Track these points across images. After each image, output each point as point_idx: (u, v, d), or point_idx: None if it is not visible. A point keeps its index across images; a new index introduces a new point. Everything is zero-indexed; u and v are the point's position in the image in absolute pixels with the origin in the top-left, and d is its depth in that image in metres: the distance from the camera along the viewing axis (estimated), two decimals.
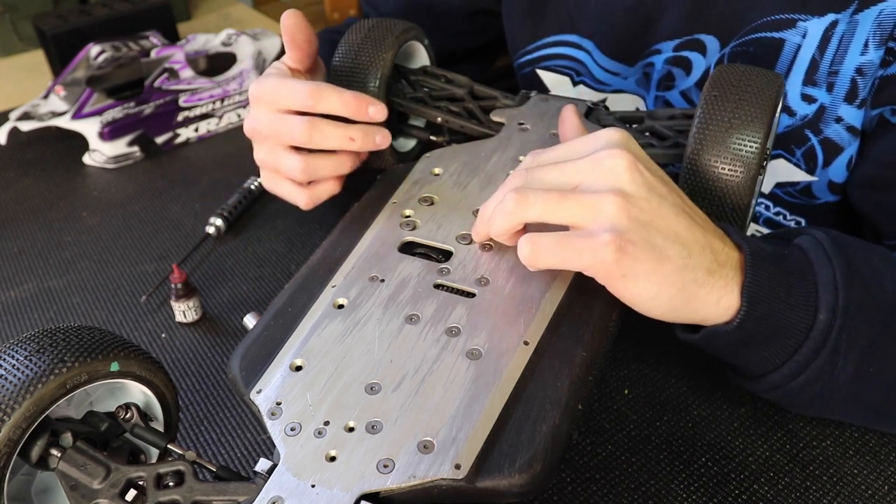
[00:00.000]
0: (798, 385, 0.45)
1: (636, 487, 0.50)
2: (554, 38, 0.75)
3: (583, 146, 0.45)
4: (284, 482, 0.37)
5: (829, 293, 0.44)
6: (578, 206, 0.42)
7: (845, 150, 0.61)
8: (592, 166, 0.43)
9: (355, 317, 0.45)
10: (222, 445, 0.55)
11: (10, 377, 0.38)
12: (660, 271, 0.41)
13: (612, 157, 0.42)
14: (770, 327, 0.44)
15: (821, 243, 0.46)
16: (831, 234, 0.47)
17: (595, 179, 0.42)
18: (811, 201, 0.66)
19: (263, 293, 0.69)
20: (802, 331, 0.44)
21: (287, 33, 0.57)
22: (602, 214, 0.41)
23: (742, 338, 0.44)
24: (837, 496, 0.49)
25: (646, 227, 0.41)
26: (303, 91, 0.54)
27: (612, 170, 0.42)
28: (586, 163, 0.43)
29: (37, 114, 0.89)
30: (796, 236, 0.48)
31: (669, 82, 0.68)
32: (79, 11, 1.07)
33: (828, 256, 0.45)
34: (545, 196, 0.42)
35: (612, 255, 0.40)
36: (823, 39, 0.58)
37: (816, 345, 0.44)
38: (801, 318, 0.44)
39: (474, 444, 0.38)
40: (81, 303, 0.69)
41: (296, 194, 0.58)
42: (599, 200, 0.41)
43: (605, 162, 0.42)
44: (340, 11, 1.89)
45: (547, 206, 0.42)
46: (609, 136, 0.44)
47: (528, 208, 0.43)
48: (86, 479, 0.39)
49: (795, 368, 0.45)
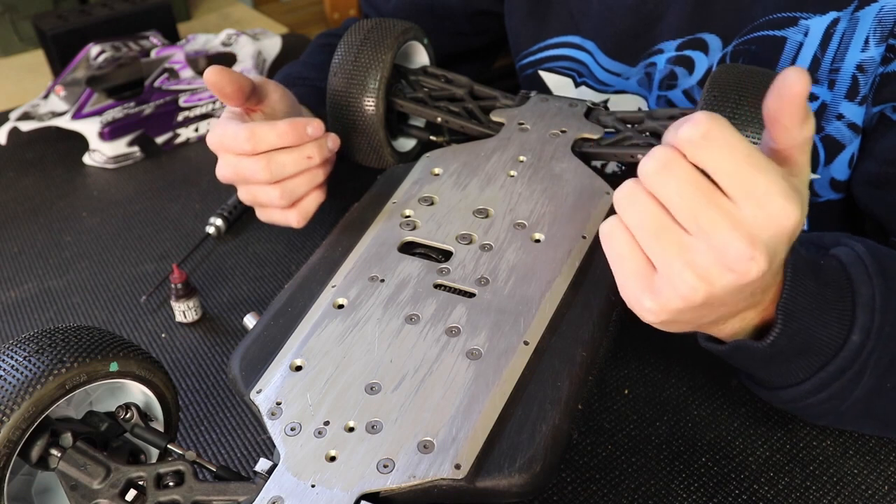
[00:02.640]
0: (818, 400, 0.44)
1: (636, 487, 0.50)
2: (556, 40, 0.75)
3: (751, 198, 0.35)
4: (284, 482, 0.37)
5: (866, 315, 0.42)
6: (664, 257, 0.37)
7: (847, 148, 0.61)
8: (719, 248, 0.35)
9: (355, 317, 0.45)
10: (222, 445, 0.55)
11: (9, 378, 0.38)
12: (682, 327, 0.41)
13: (739, 265, 0.35)
14: (801, 344, 0.42)
15: (861, 259, 0.43)
16: (871, 247, 0.45)
17: (708, 255, 0.36)
18: (813, 199, 0.66)
19: (263, 293, 0.69)
20: (832, 349, 0.42)
21: (215, 90, 0.56)
22: (674, 288, 0.37)
23: (772, 353, 0.42)
24: (837, 496, 0.49)
25: (698, 311, 0.38)
26: (241, 136, 0.54)
27: (729, 270, 0.35)
28: (718, 236, 0.35)
29: (37, 114, 0.89)
30: (833, 243, 0.46)
31: (672, 82, 0.68)
32: (79, 11, 1.07)
33: (868, 275, 0.43)
34: (646, 214, 0.37)
35: (651, 319, 0.39)
36: (825, 37, 0.58)
37: (844, 365, 0.42)
38: (834, 336, 0.42)
39: (474, 443, 0.38)
40: (81, 303, 0.69)
41: (287, 217, 0.59)
42: (685, 277, 0.36)
43: (731, 261, 0.35)
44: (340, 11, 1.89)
45: (641, 225, 0.37)
46: (775, 227, 0.35)
47: (625, 211, 0.38)
48: (86, 479, 0.39)
49: (818, 385, 0.43)
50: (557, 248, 0.48)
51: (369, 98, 0.60)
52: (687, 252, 0.36)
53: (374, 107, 0.60)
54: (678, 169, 0.36)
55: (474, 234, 0.49)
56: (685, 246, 0.36)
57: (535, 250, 0.48)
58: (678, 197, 0.36)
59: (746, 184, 0.35)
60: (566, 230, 0.49)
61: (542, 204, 0.51)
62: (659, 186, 0.36)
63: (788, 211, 0.35)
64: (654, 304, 0.38)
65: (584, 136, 0.57)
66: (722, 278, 0.36)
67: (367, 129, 0.61)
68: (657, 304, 0.38)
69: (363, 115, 0.60)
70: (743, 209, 0.35)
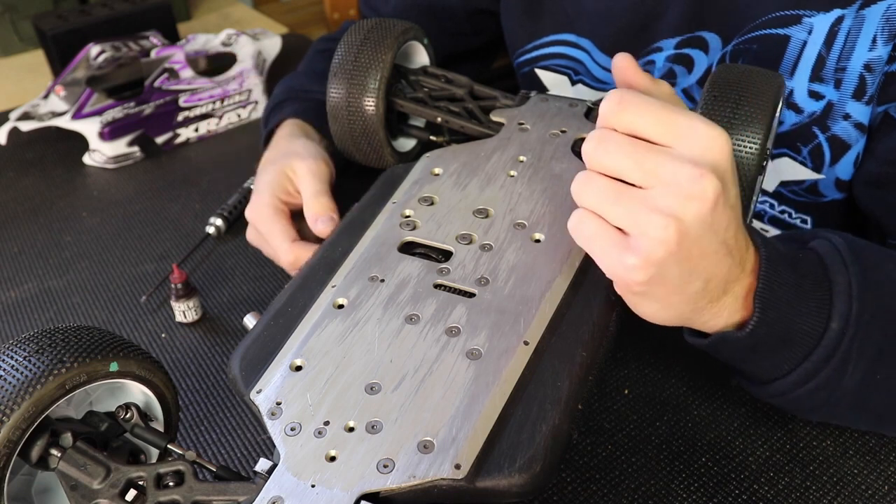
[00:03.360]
0: (805, 392, 0.45)
1: (636, 487, 0.50)
2: (551, 38, 0.75)
3: (681, 134, 0.39)
4: (284, 482, 0.37)
5: (843, 302, 0.43)
6: (628, 217, 0.39)
7: (853, 147, 0.61)
8: (670, 181, 0.38)
9: (355, 317, 0.45)
10: (222, 445, 0.55)
11: (9, 378, 0.38)
12: (675, 298, 0.41)
13: (695, 184, 0.38)
14: (780, 334, 0.43)
15: (838, 249, 0.45)
16: (848, 238, 0.46)
17: (663, 195, 0.38)
18: (817, 199, 0.66)
19: (263, 293, 0.69)
20: (813, 338, 0.43)
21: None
22: (645, 237, 0.38)
23: (751, 344, 0.44)
24: (837, 496, 0.49)
25: (681, 263, 0.39)
26: (283, 260, 0.62)
27: (687, 197, 0.38)
28: (665, 172, 0.38)
29: (37, 114, 0.89)
30: (812, 238, 0.47)
31: (671, 80, 0.68)
32: (79, 11, 1.07)
33: (844, 264, 0.44)
34: (603, 191, 0.40)
35: (638, 278, 0.40)
36: (829, 35, 0.58)
37: (827, 353, 0.43)
38: (813, 325, 0.43)
39: (474, 443, 0.38)
40: (81, 303, 0.69)
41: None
42: (651, 223, 0.38)
43: (686, 186, 0.38)
44: (340, 12, 1.89)
45: (600, 200, 0.40)
46: (712, 144, 0.39)
47: (583, 196, 0.41)
48: (86, 479, 0.39)
49: (804, 375, 0.44)
50: (557, 248, 0.48)
51: (369, 98, 0.60)
52: (647, 200, 0.39)
53: (374, 107, 0.60)
54: (612, 137, 0.40)
55: (474, 234, 0.49)
56: (643, 197, 0.39)
57: (535, 250, 0.48)
58: (620, 159, 0.39)
59: (670, 126, 0.39)
60: (566, 230, 0.49)
61: (542, 204, 0.51)
62: (601, 158, 0.40)
63: (714, 132, 0.39)
64: (636, 259, 0.39)
65: (585, 135, 0.57)
66: (686, 209, 0.38)
67: (367, 129, 0.61)
68: (639, 257, 0.39)
69: (363, 115, 0.60)
70: (677, 147, 0.39)
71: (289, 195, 0.64)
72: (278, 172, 0.65)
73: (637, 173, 0.39)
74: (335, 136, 0.63)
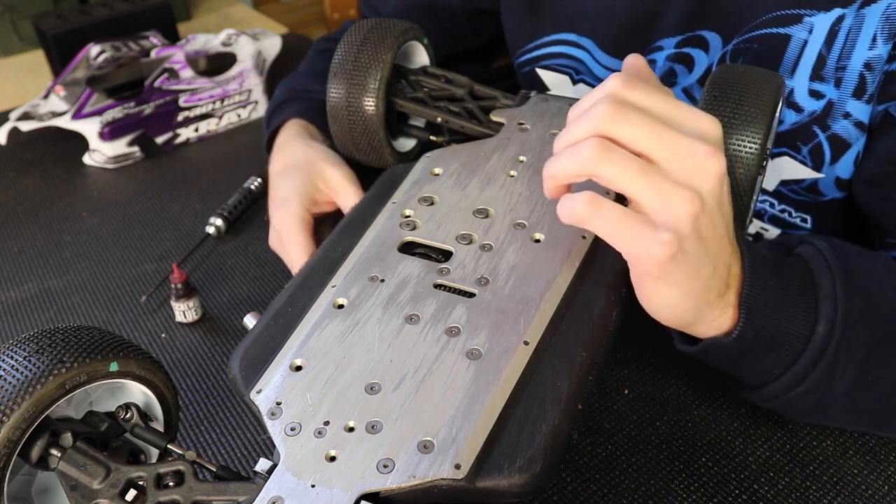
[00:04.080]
0: (797, 395, 0.45)
1: (636, 487, 0.50)
2: (552, 38, 0.75)
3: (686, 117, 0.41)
4: (284, 482, 0.37)
5: (828, 305, 0.43)
6: (654, 190, 0.38)
7: (853, 146, 0.61)
8: (687, 154, 0.39)
9: (355, 317, 0.45)
10: (222, 445, 0.55)
11: (9, 378, 0.38)
12: (689, 284, 0.41)
13: (710, 159, 0.39)
14: (768, 338, 0.44)
15: (822, 253, 0.45)
16: (833, 243, 0.46)
17: (681, 168, 0.39)
18: (817, 198, 0.66)
19: (263, 293, 0.69)
20: (801, 342, 0.44)
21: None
22: (672, 211, 0.38)
23: (740, 349, 0.44)
24: (837, 496, 0.49)
25: (702, 241, 0.39)
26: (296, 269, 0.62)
27: (704, 171, 0.39)
28: (682, 146, 0.39)
29: (37, 114, 0.89)
30: (798, 244, 0.48)
31: (671, 79, 0.68)
32: (79, 11, 1.07)
33: (829, 267, 0.44)
34: (626, 162, 0.39)
35: (662, 256, 0.39)
36: (830, 34, 0.58)
37: (814, 356, 0.44)
38: (800, 329, 0.43)
39: (474, 443, 0.38)
40: (81, 303, 0.69)
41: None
42: (677, 195, 0.38)
43: (701, 161, 0.39)
44: (340, 12, 1.89)
45: (625, 172, 0.39)
46: (712, 129, 0.41)
47: (603, 166, 0.39)
48: (86, 479, 0.39)
49: (794, 379, 0.45)
50: (557, 248, 0.48)
51: (369, 98, 0.60)
52: (669, 174, 0.39)
53: (374, 107, 0.60)
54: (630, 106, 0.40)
55: (474, 234, 0.49)
56: (664, 171, 0.39)
57: (535, 250, 0.48)
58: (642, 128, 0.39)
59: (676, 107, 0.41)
60: (566, 230, 0.49)
61: (542, 204, 0.51)
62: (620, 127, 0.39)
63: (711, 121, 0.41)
64: (667, 234, 0.38)
65: None
66: (703, 183, 0.39)
67: (367, 129, 0.61)
68: (670, 230, 0.38)
69: (363, 115, 0.60)
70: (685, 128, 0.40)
71: (315, 204, 0.66)
72: (306, 181, 0.66)
73: (656, 144, 0.39)
74: (335, 136, 0.63)
